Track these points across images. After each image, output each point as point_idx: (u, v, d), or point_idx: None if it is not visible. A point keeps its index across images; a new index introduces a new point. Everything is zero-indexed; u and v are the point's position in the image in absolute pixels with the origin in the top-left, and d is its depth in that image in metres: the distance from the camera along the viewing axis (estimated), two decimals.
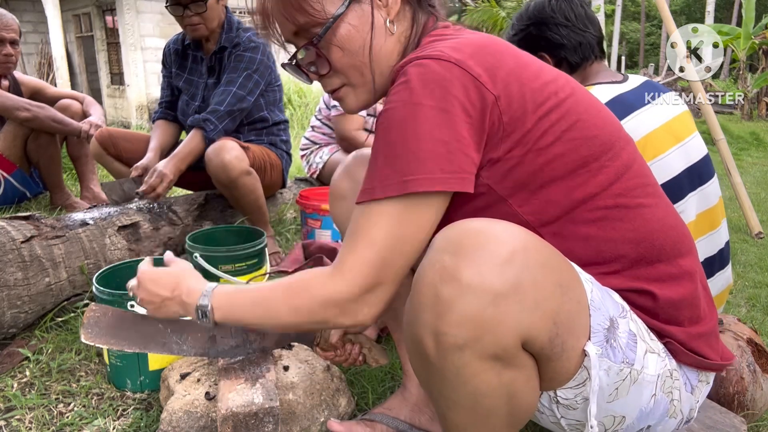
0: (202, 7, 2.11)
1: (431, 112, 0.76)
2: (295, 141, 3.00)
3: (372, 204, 0.79)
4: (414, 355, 0.76)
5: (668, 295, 0.83)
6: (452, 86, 0.76)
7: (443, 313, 0.68)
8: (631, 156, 0.86)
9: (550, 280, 0.70)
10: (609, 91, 1.37)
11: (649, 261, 0.83)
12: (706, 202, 1.40)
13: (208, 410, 1.09)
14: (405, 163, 0.76)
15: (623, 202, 0.82)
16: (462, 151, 0.77)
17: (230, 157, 2.05)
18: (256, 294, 0.89)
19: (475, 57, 0.79)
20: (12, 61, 2.68)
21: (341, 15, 0.86)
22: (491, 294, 0.66)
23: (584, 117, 0.83)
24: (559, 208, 0.81)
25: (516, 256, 0.68)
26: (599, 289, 0.79)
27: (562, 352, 0.72)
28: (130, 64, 10.18)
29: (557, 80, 0.84)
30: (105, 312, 1.12)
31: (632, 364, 0.78)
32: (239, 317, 0.90)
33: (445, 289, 0.68)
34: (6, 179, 2.81)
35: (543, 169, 0.80)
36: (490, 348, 0.68)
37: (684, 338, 0.84)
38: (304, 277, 0.85)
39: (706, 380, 0.90)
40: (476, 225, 0.71)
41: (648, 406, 0.82)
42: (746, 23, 9.65)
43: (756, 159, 6.74)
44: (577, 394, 0.77)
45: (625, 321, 0.79)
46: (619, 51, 25.91)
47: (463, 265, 0.67)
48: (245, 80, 2.19)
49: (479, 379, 0.71)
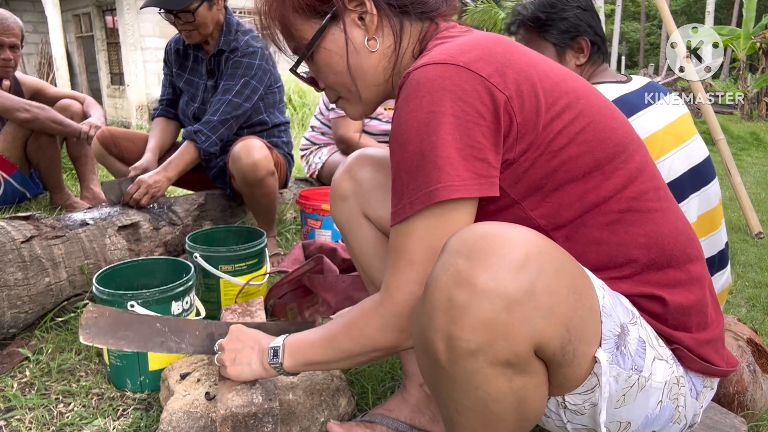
0: (190, 17, 2.11)
1: (443, 119, 0.75)
2: (295, 141, 3.00)
3: (405, 222, 0.80)
4: (424, 358, 0.75)
5: (678, 300, 0.82)
6: (462, 91, 0.76)
7: (457, 318, 0.67)
8: (643, 159, 0.85)
9: (564, 285, 0.69)
10: (613, 91, 1.36)
11: (660, 266, 0.82)
12: (708, 204, 1.40)
13: (208, 410, 1.09)
14: (426, 173, 0.76)
15: (636, 206, 0.82)
16: (477, 156, 0.76)
17: (260, 156, 2.07)
18: (322, 331, 0.93)
19: (484, 58, 0.78)
20: (11, 65, 2.68)
21: (318, 39, 0.89)
22: (506, 300, 0.65)
23: (597, 118, 0.82)
24: (572, 211, 0.81)
25: (530, 261, 0.67)
26: (611, 295, 0.78)
27: (573, 359, 0.71)
28: (130, 64, 10.19)
29: (568, 80, 0.84)
30: (103, 312, 1.12)
31: (640, 371, 0.77)
32: (306, 355, 0.94)
33: (459, 294, 0.67)
34: (6, 180, 2.81)
35: (556, 172, 0.80)
36: (503, 354, 0.67)
37: (692, 344, 0.83)
38: (361, 306, 0.88)
39: (711, 386, 0.90)
40: (490, 229, 0.70)
41: (654, 413, 0.81)
42: (746, 23, 9.65)
43: (756, 159, 6.74)
44: (585, 400, 0.77)
45: (635, 328, 0.78)
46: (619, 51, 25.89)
47: (478, 270, 0.66)
48: (242, 87, 2.19)
49: (490, 384, 0.70)
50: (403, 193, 0.80)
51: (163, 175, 2.06)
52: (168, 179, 2.07)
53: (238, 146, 2.09)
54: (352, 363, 0.92)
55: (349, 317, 0.89)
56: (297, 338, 0.96)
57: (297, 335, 0.97)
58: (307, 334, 0.96)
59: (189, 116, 2.35)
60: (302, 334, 0.96)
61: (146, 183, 2.00)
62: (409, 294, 0.81)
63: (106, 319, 1.11)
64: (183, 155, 2.14)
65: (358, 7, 0.88)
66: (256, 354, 0.99)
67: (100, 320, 1.11)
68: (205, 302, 1.63)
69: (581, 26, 1.44)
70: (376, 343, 0.86)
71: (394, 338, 0.84)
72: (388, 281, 0.83)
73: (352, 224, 1.14)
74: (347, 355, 0.89)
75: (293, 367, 0.95)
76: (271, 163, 2.13)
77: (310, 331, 0.96)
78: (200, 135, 2.14)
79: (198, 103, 2.33)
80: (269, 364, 0.96)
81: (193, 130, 2.16)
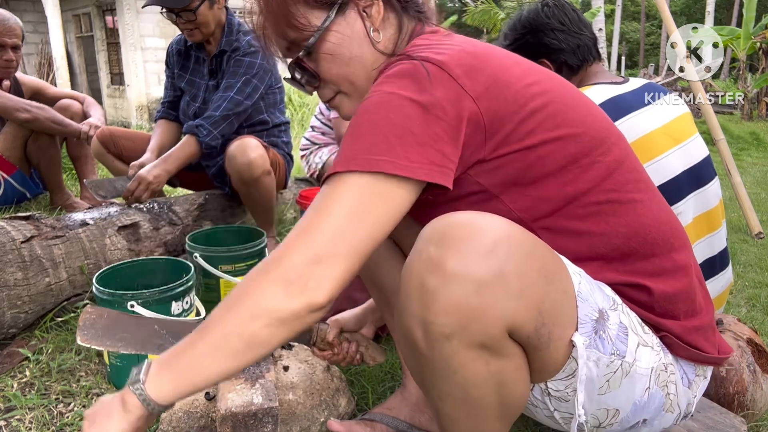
0: (191, 15, 2.11)
1: (405, 102, 0.76)
2: (295, 141, 3.00)
3: (337, 176, 0.76)
4: (405, 346, 0.77)
5: (663, 289, 0.84)
6: (428, 83, 0.77)
7: (429, 303, 0.69)
8: (623, 152, 0.87)
9: (534, 269, 0.71)
10: (606, 92, 1.37)
11: (643, 255, 0.84)
12: (706, 204, 1.40)
13: (208, 410, 1.09)
14: (374, 143, 0.75)
15: (615, 197, 0.83)
16: (431, 145, 0.76)
17: (255, 155, 2.07)
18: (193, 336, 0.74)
19: (455, 59, 0.80)
20: (13, 66, 2.68)
21: (326, 28, 0.88)
22: (475, 282, 0.67)
23: (570, 115, 0.83)
24: (551, 204, 0.82)
25: (499, 245, 0.69)
26: (588, 282, 0.79)
27: (549, 342, 0.73)
28: (130, 64, 10.19)
29: (542, 81, 0.85)
30: (101, 314, 1.12)
31: (623, 356, 0.79)
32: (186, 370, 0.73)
33: (430, 279, 0.69)
34: (6, 180, 2.81)
35: (532, 167, 0.81)
36: (477, 336, 0.69)
37: (680, 331, 0.85)
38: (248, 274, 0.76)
39: (704, 375, 0.91)
40: (461, 217, 0.72)
41: (642, 400, 0.82)
42: (746, 23, 9.65)
43: (756, 159, 6.74)
44: (567, 386, 0.78)
45: (616, 313, 0.80)
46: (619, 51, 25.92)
47: (448, 255, 0.68)
48: (243, 85, 2.20)
49: (468, 368, 0.72)
50: (345, 151, 0.76)
51: (162, 168, 2.05)
52: (168, 172, 2.07)
53: (234, 145, 2.09)
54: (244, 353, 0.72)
55: (228, 295, 0.76)
56: (160, 360, 0.76)
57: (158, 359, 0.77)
58: (174, 348, 0.76)
59: (190, 116, 2.35)
60: (168, 352, 0.76)
61: (146, 180, 2.00)
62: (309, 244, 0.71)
63: (104, 321, 1.11)
64: (183, 149, 2.13)
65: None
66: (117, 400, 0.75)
67: (98, 322, 1.11)
68: (205, 302, 1.63)
69: (539, 49, 1.49)
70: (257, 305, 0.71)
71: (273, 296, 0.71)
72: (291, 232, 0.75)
73: None
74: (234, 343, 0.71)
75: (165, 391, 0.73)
76: (266, 162, 2.13)
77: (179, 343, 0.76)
78: (202, 129, 2.14)
79: (199, 103, 2.33)
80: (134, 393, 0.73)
81: (194, 124, 2.15)
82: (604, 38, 10.24)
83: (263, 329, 0.71)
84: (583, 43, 1.48)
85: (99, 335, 1.10)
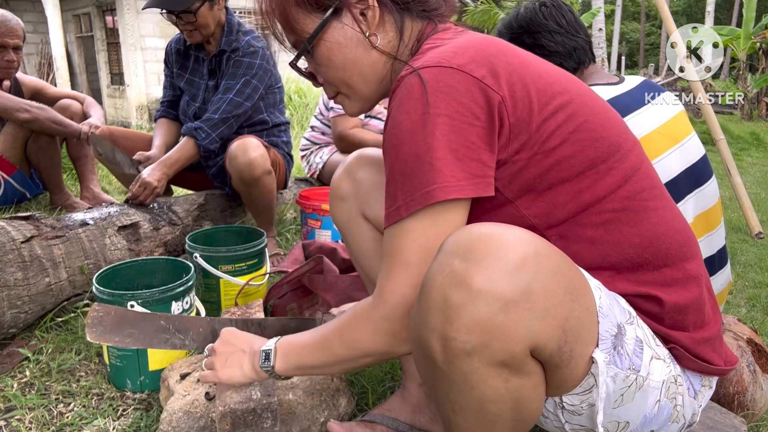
0: (191, 17, 2.12)
1: (438, 120, 0.76)
2: (295, 141, 3.00)
3: (399, 224, 0.79)
4: (420, 357, 0.75)
5: (674, 300, 0.82)
6: (456, 92, 0.76)
7: (452, 318, 0.67)
8: (638, 158, 0.85)
9: (560, 287, 0.69)
10: (604, 93, 1.37)
11: (656, 265, 0.82)
12: (705, 203, 1.40)
13: (208, 410, 1.09)
14: (422, 174, 0.76)
15: (631, 206, 0.82)
16: (472, 157, 0.76)
17: (256, 155, 2.08)
18: (315, 334, 0.91)
19: (476, 60, 0.79)
20: (14, 66, 2.68)
21: (319, 33, 0.88)
22: (501, 301, 0.65)
23: (591, 118, 0.82)
24: (566, 210, 0.81)
25: (527, 262, 0.67)
26: (607, 296, 0.78)
27: (570, 360, 0.71)
28: (130, 64, 10.18)
29: (561, 80, 0.84)
30: (108, 311, 1.13)
31: (638, 371, 0.77)
32: (298, 358, 0.92)
33: (454, 294, 0.66)
34: (6, 180, 2.81)
35: (550, 171, 0.80)
36: (499, 355, 0.67)
37: (689, 343, 0.83)
38: (354, 309, 0.86)
39: (709, 385, 0.90)
40: (487, 230, 0.70)
41: (652, 412, 0.81)
42: (746, 23, 9.65)
43: (756, 159, 6.74)
44: (582, 401, 0.77)
45: (632, 327, 0.78)
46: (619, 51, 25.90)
47: (474, 271, 0.66)
48: (243, 86, 2.20)
49: (486, 385, 0.69)
50: (397, 195, 0.79)
51: (163, 172, 2.07)
52: (167, 176, 2.09)
53: (235, 145, 2.10)
54: (345, 368, 0.90)
55: (341, 321, 0.87)
56: (289, 341, 0.94)
57: (289, 338, 0.95)
58: (299, 336, 0.94)
59: (190, 116, 2.35)
60: (295, 337, 0.94)
61: (151, 185, 2.02)
62: (402, 297, 0.79)
63: (111, 318, 1.12)
64: (182, 151, 2.14)
65: (361, 2, 0.88)
66: (248, 357, 0.97)
67: (106, 319, 1.12)
68: (205, 302, 1.63)
69: (535, 50, 1.46)
70: (367, 347, 0.84)
71: (385, 343, 0.82)
72: (381, 285, 0.82)
73: (351, 224, 1.14)
74: (339, 360, 0.87)
75: (285, 371, 0.93)
76: (267, 161, 2.13)
77: (304, 333, 0.94)
78: (200, 132, 2.15)
79: (199, 103, 2.33)
80: (261, 367, 0.94)
81: (193, 126, 2.16)
82: (604, 38, 10.22)
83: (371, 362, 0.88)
84: (579, 45, 1.47)
85: (107, 332, 1.11)
